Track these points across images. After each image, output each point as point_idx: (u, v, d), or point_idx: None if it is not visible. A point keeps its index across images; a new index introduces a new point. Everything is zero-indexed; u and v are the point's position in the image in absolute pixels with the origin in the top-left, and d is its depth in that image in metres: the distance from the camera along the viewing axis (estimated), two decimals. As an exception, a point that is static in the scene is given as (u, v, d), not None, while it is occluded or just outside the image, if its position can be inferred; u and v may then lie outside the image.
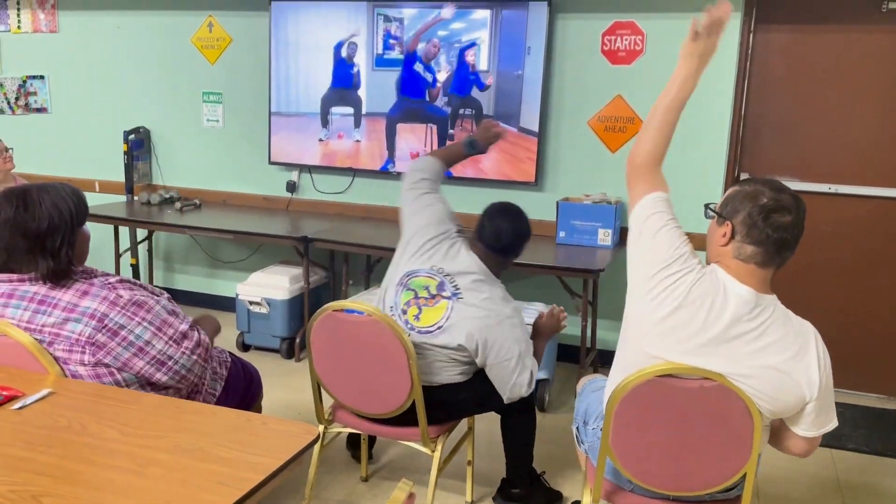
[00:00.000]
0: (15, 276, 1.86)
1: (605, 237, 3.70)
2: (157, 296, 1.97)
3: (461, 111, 4.12)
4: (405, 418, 2.32)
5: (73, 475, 1.39)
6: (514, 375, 2.34)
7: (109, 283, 1.88)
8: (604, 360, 4.02)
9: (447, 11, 4.01)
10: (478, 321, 2.30)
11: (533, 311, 3.55)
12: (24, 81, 5.10)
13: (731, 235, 1.75)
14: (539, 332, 2.58)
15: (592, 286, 3.76)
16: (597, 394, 2.14)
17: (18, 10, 5.01)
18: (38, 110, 5.11)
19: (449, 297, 2.34)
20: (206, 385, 2.13)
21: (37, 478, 1.37)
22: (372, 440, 2.93)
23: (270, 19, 4.35)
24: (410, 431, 2.35)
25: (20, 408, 1.65)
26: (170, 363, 1.90)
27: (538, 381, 3.46)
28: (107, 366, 1.84)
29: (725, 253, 1.77)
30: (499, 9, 3.94)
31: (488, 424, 2.81)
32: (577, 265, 3.42)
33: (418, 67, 4.15)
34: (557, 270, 3.48)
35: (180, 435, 1.55)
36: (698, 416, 1.77)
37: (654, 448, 1.84)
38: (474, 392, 2.41)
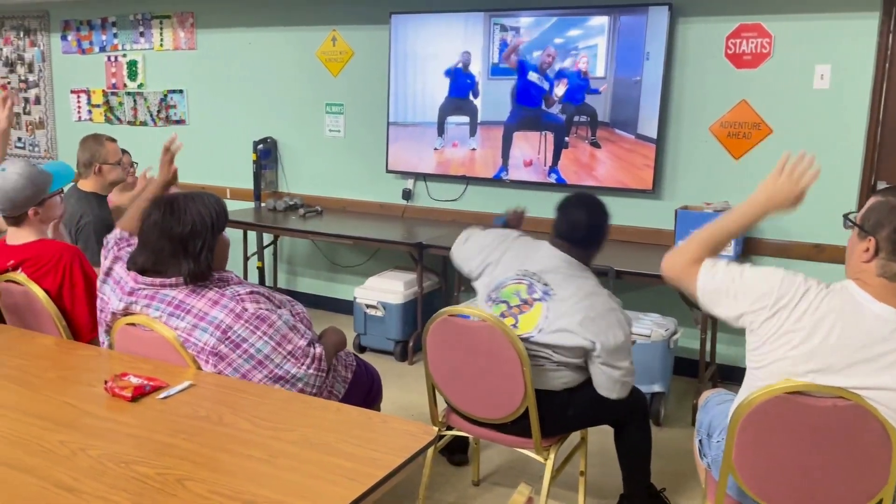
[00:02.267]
0: (157, 280, 2.00)
1: (726, 247, 3.56)
2: (280, 307, 2.05)
3: (576, 118, 4.09)
4: (517, 425, 2.33)
5: (212, 462, 1.49)
6: (622, 368, 2.28)
7: (238, 295, 1.98)
8: (724, 375, 3.87)
9: (564, 22, 4.00)
10: (577, 315, 2.24)
11: (648, 321, 3.48)
12: (165, 95, 5.50)
13: (875, 252, 1.63)
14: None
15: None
16: (722, 407, 2.07)
17: (161, 29, 5.42)
18: (177, 122, 5.50)
19: (541, 299, 2.29)
20: (327, 386, 2.23)
21: (180, 462, 1.48)
22: (465, 445, 2.95)
23: (390, 32, 4.49)
24: (524, 439, 2.36)
25: (165, 398, 1.79)
26: (287, 377, 1.97)
27: (653, 395, 3.39)
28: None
29: (867, 270, 1.66)
30: (617, 15, 3.89)
31: (601, 435, 2.77)
32: (696, 276, 3.31)
33: (533, 76, 4.16)
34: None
35: (308, 429, 1.63)
36: (830, 437, 1.68)
37: (780, 467, 1.76)
38: (587, 404, 2.38)
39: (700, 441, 2.12)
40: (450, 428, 2.53)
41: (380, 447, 1.56)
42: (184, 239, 1.98)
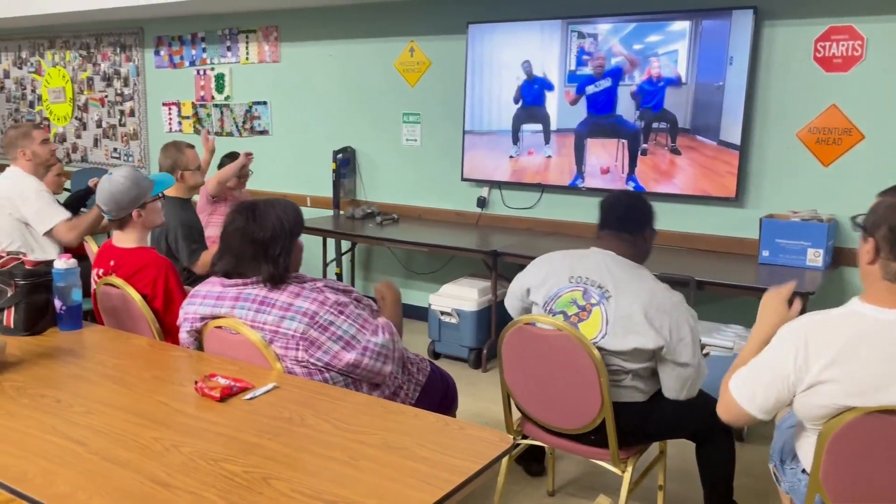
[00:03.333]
0: (240, 281, 2.11)
1: (815, 257, 3.44)
2: (350, 293, 2.16)
3: (655, 125, 4.02)
4: (594, 435, 2.31)
5: (296, 462, 1.54)
6: (690, 364, 2.20)
7: (317, 287, 2.09)
8: (811, 391, 3.71)
9: (643, 27, 3.95)
10: (638, 313, 2.18)
11: (730, 333, 3.38)
12: (250, 107, 5.71)
13: (876, 252, 1.59)
14: None
15: (800, 310, 3.48)
16: (792, 430, 1.99)
17: (247, 43, 5.63)
18: (261, 133, 5.70)
19: (598, 303, 2.24)
20: (403, 389, 2.27)
21: (266, 462, 1.54)
22: (541, 454, 2.93)
23: (467, 41, 4.53)
24: (601, 450, 2.33)
25: (250, 398, 1.85)
26: (376, 349, 2.05)
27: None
28: (316, 365, 2.02)
29: (872, 273, 1.61)
30: (699, 19, 3.81)
31: (680, 448, 2.71)
32: (782, 287, 3.20)
33: (610, 83, 4.12)
34: (760, 292, 3.27)
35: (386, 433, 1.67)
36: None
37: (874, 489, 1.68)
38: (666, 415, 2.33)
39: (774, 466, 2.05)
40: (525, 437, 2.52)
41: (456, 453, 1.57)
42: (264, 243, 2.08)
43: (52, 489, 1.43)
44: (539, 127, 4.40)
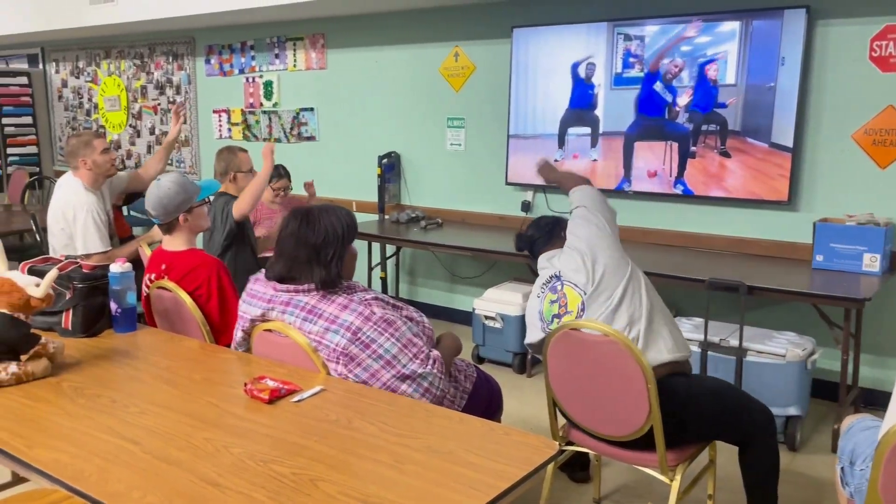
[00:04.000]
0: (292, 287, 2.13)
1: (871, 263, 3.33)
2: (401, 309, 2.15)
3: (704, 127, 3.95)
4: (641, 441, 2.28)
5: (343, 464, 1.55)
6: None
7: (366, 300, 2.09)
8: (868, 400, 3.60)
9: (692, 29, 3.89)
10: (578, 260, 2.39)
11: (783, 340, 3.30)
12: (297, 113, 5.80)
13: None
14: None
15: (856, 317, 3.39)
16: (867, 433, 1.93)
17: (294, 51, 5.72)
18: (308, 139, 5.78)
19: (561, 284, 2.42)
20: (447, 397, 2.27)
21: (313, 464, 1.56)
22: (586, 461, 2.89)
23: (512, 45, 4.53)
24: (648, 457, 2.30)
25: (298, 401, 1.88)
26: (413, 376, 2.04)
27: (788, 418, 3.20)
28: (354, 382, 2.03)
29: None
30: (749, 20, 3.73)
31: (730, 456, 2.65)
32: (837, 293, 3.11)
33: (657, 86, 4.07)
34: (814, 298, 3.20)
35: (431, 438, 1.67)
36: None
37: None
38: (705, 407, 2.31)
39: (842, 469, 1.99)
40: (570, 443, 2.50)
41: (502, 459, 1.57)
42: (317, 247, 2.11)
43: (107, 487, 1.47)
44: (587, 130, 4.37)
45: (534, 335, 2.53)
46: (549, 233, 2.71)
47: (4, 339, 1.96)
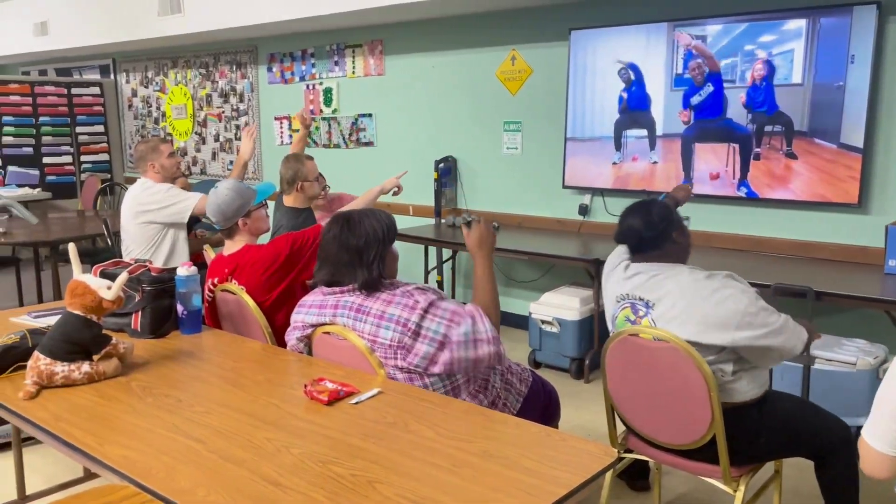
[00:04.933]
0: (338, 289, 2.19)
1: None
2: (434, 292, 2.17)
3: (768, 128, 3.84)
4: (704, 451, 2.22)
5: (399, 467, 1.57)
6: (769, 325, 2.12)
7: (408, 291, 2.13)
8: (945, 412, 3.43)
9: (756, 27, 3.79)
10: (684, 308, 2.15)
11: (853, 348, 3.18)
12: (356, 119, 5.88)
13: None
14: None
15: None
16: None
17: (353, 57, 5.80)
18: (366, 144, 5.85)
19: (646, 314, 2.25)
20: (502, 399, 2.26)
21: (371, 465, 1.57)
22: (645, 470, 2.84)
23: (569, 48, 4.49)
24: (710, 467, 2.24)
25: (356, 403, 1.90)
26: (462, 340, 2.04)
27: (860, 429, 3.07)
28: (414, 370, 2.05)
29: None
30: (816, 17, 3.62)
31: (798, 468, 2.57)
32: (911, 299, 2.99)
33: (718, 86, 3.97)
34: (886, 304, 3.07)
35: (488, 442, 1.67)
36: None
37: None
38: (779, 429, 2.22)
39: None
40: (629, 451, 2.46)
41: (559, 465, 1.56)
42: (359, 250, 2.15)
43: (174, 484, 1.52)
44: (643, 132, 4.30)
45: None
46: (662, 233, 2.34)
47: (78, 339, 2.04)
